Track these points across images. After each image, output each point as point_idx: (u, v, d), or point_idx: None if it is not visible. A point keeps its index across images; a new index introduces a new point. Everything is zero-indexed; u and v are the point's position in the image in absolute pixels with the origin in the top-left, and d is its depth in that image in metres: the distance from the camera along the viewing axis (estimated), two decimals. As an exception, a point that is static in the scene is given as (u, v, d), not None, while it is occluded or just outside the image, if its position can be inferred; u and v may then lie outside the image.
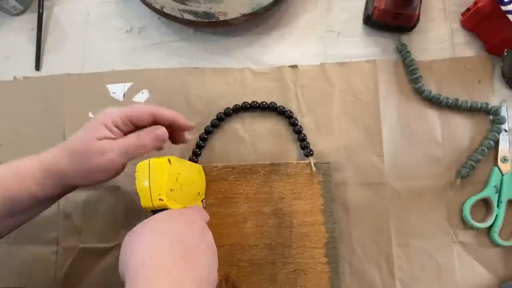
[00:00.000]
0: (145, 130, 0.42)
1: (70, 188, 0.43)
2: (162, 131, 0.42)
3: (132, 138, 0.41)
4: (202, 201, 0.48)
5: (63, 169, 0.40)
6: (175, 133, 0.46)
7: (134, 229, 0.38)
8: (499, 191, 0.50)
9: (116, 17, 0.60)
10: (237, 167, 0.51)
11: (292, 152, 0.53)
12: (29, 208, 0.41)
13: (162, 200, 0.39)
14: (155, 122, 0.42)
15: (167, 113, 0.43)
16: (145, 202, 0.39)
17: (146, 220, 0.38)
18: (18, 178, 0.40)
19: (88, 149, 0.39)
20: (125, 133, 0.42)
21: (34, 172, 0.40)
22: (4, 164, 0.41)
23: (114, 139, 0.40)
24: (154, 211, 0.40)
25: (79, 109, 0.56)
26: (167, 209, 0.40)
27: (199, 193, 0.48)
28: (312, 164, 0.50)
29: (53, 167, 0.40)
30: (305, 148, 0.52)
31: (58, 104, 0.57)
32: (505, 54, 0.52)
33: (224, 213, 0.51)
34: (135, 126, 0.42)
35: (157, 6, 0.55)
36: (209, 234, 0.42)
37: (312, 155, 0.52)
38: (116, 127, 0.41)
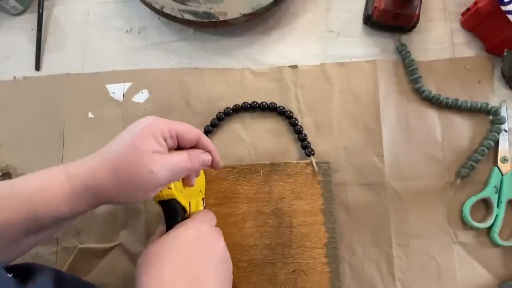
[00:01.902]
0: (192, 152, 0.40)
1: (101, 204, 0.37)
2: (209, 158, 0.42)
3: (182, 158, 0.38)
4: (202, 199, 0.48)
5: (103, 185, 0.35)
6: None
7: (143, 257, 0.37)
8: (499, 191, 0.50)
9: (116, 17, 0.60)
10: (237, 167, 0.51)
11: (292, 152, 0.53)
12: (53, 226, 0.37)
13: (171, 188, 0.40)
14: (195, 146, 0.41)
15: (209, 144, 0.42)
16: None
17: (152, 248, 0.38)
18: (43, 196, 0.34)
19: (138, 163, 0.35)
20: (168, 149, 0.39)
21: (62, 188, 0.35)
22: (28, 175, 0.36)
23: (163, 153, 0.37)
24: (161, 202, 0.41)
25: (79, 109, 0.56)
26: (173, 199, 0.40)
27: (200, 190, 0.49)
28: (314, 163, 0.50)
29: (91, 182, 0.35)
30: (307, 148, 0.52)
31: (58, 104, 0.57)
32: (505, 54, 0.52)
33: (224, 213, 0.51)
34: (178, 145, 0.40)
35: (157, 6, 0.55)
36: (221, 243, 0.41)
37: (313, 154, 0.52)
38: (164, 140, 0.37)
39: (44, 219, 0.35)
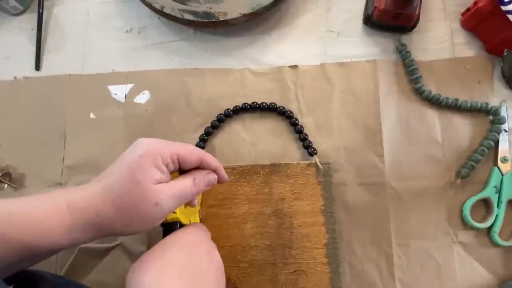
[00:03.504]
0: (198, 175, 0.39)
1: (104, 236, 0.36)
2: (215, 178, 0.40)
3: (187, 184, 0.37)
4: (198, 212, 0.48)
5: (107, 222, 0.34)
6: None
7: (140, 260, 0.35)
8: (499, 191, 0.50)
9: (116, 17, 0.60)
10: (237, 168, 0.51)
11: (292, 152, 0.53)
12: (50, 255, 0.36)
13: (175, 212, 0.40)
14: (198, 167, 0.40)
15: (212, 161, 0.40)
16: None
17: (151, 251, 0.36)
18: (43, 228, 0.33)
19: (141, 199, 0.34)
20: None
21: (64, 222, 0.33)
22: (25, 201, 0.34)
23: (166, 181, 0.36)
24: (164, 224, 0.41)
25: (80, 109, 0.56)
26: (177, 222, 0.40)
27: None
28: (318, 162, 0.50)
29: (94, 217, 0.34)
30: (309, 147, 0.52)
31: (59, 104, 0.57)
32: (505, 54, 0.52)
33: (224, 214, 0.51)
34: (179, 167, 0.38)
35: (157, 6, 0.55)
36: (216, 252, 0.41)
37: (316, 154, 0.52)
38: (166, 166, 0.36)
39: (41, 249, 0.33)
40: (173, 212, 0.39)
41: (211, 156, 0.40)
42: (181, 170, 0.39)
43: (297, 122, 0.53)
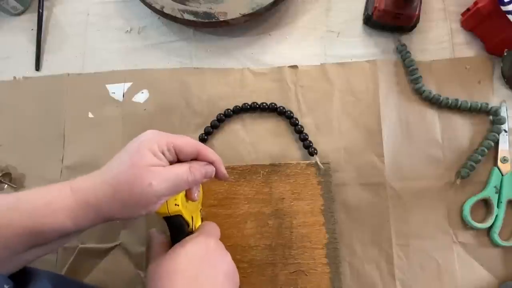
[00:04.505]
0: (194, 164, 0.39)
1: (105, 221, 0.37)
2: (212, 169, 0.41)
3: (183, 170, 0.38)
4: (200, 210, 0.48)
5: (105, 202, 0.35)
6: None
7: (154, 271, 0.38)
8: (499, 192, 0.50)
9: (116, 17, 0.60)
10: (237, 168, 0.51)
11: (292, 152, 0.53)
12: (56, 241, 0.36)
13: (178, 205, 0.40)
14: (196, 159, 0.40)
15: (211, 155, 0.41)
16: (161, 209, 0.39)
17: (160, 260, 0.38)
18: (49, 210, 0.34)
19: (136, 178, 0.35)
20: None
21: (68, 204, 0.35)
22: (34, 189, 0.36)
23: (163, 166, 0.37)
24: (167, 218, 0.41)
25: (79, 109, 0.56)
26: (179, 215, 0.41)
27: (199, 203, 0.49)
28: (318, 162, 0.50)
29: (93, 199, 0.35)
30: (309, 147, 0.52)
31: (58, 104, 0.57)
32: (505, 54, 0.52)
33: (224, 214, 0.51)
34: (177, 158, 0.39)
35: (157, 6, 0.55)
36: (228, 258, 0.41)
37: (316, 153, 0.52)
38: (162, 154, 0.37)
39: (48, 233, 0.34)
40: (175, 205, 0.40)
41: (209, 149, 0.41)
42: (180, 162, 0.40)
43: (297, 122, 0.53)
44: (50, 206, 0.34)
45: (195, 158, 0.40)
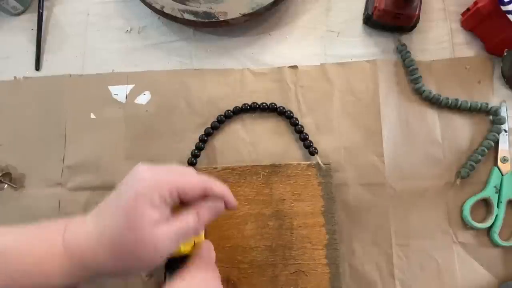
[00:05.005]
0: (202, 209, 0.36)
1: (99, 277, 0.35)
2: (222, 205, 0.38)
3: (189, 220, 0.35)
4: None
5: (104, 265, 0.33)
6: None
7: None
8: (499, 191, 0.50)
9: (116, 17, 0.60)
10: (237, 169, 0.51)
11: (293, 152, 0.53)
12: None
13: (179, 248, 0.39)
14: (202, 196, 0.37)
15: (218, 189, 0.37)
16: None
17: None
18: (39, 269, 0.32)
19: (139, 246, 0.32)
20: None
21: (61, 263, 0.32)
22: (22, 235, 0.34)
23: (166, 219, 0.33)
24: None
25: (81, 109, 0.56)
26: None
27: None
28: (320, 161, 0.50)
29: (92, 263, 0.33)
30: (310, 147, 0.52)
31: (59, 104, 0.57)
32: (505, 54, 0.52)
33: (224, 215, 0.50)
34: (180, 200, 0.36)
35: (157, 6, 0.55)
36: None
37: (317, 153, 0.52)
38: (164, 202, 0.33)
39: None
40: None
41: (215, 182, 0.38)
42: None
43: (297, 122, 0.53)
44: (42, 266, 0.32)
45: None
